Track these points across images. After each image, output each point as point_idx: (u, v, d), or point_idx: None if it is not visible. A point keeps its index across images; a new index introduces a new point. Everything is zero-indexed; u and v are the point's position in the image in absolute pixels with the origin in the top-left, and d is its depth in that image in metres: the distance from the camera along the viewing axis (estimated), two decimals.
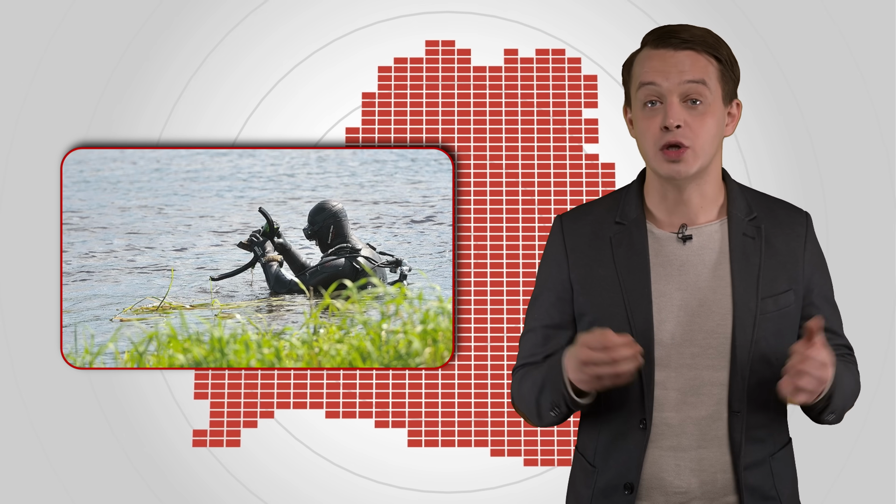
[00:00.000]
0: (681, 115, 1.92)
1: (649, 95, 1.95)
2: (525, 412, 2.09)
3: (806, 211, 2.09)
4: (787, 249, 2.02)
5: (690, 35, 1.95)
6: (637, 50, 2.02)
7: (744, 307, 1.96)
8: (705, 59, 1.94)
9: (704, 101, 1.93)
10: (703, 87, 1.93)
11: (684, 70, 1.93)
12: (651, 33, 2.00)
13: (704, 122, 1.93)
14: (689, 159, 1.93)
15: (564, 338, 2.08)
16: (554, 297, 2.09)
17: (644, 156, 1.99)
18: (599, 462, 2.05)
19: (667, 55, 1.94)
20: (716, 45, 1.96)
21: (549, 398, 1.99)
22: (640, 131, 1.98)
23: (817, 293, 2.05)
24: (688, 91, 1.93)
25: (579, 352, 1.87)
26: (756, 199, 2.07)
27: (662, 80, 1.93)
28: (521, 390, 2.08)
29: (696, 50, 1.94)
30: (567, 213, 2.14)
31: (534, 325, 2.11)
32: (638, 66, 1.98)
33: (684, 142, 1.92)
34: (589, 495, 2.06)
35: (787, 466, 2.06)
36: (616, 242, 2.03)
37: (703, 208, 2.02)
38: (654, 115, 1.94)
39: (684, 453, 1.98)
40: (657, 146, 1.94)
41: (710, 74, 1.94)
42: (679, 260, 2.00)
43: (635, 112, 1.99)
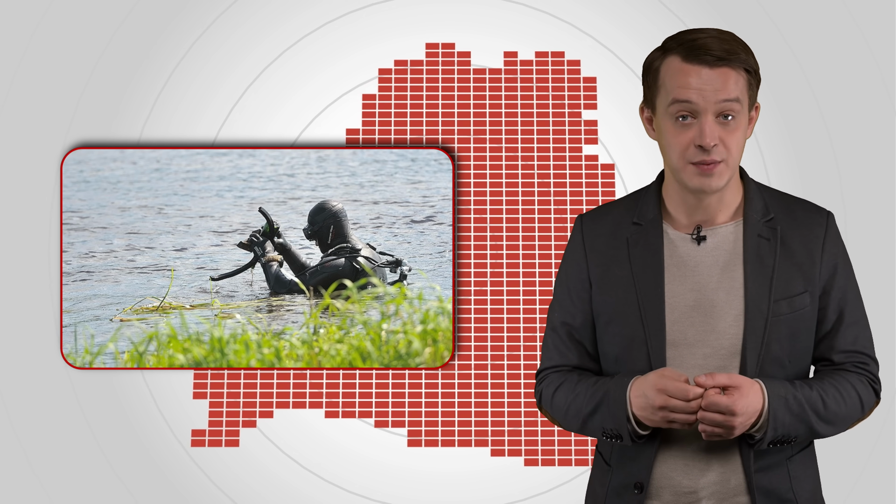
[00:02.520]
0: (716, 133, 1.92)
1: (682, 111, 1.93)
2: (560, 421, 2.10)
3: (828, 210, 2.07)
4: (804, 250, 2.01)
5: (724, 50, 1.92)
6: (660, 53, 1.99)
7: (755, 309, 1.96)
8: (738, 74, 1.93)
9: (736, 117, 1.93)
10: (737, 104, 1.92)
11: (720, 88, 1.91)
12: (680, 43, 1.96)
13: (736, 136, 1.93)
14: (722, 173, 1.94)
15: (587, 337, 2.10)
16: (574, 295, 2.10)
17: (671, 167, 1.99)
18: (615, 461, 2.06)
19: (702, 72, 1.92)
20: (746, 56, 1.94)
21: (602, 424, 2.00)
22: (668, 142, 1.96)
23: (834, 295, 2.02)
24: (723, 109, 1.92)
25: (656, 397, 1.89)
26: (774, 199, 2.06)
27: (699, 99, 1.91)
28: (555, 399, 2.09)
29: (731, 66, 1.92)
30: (588, 212, 2.15)
31: (555, 323, 2.13)
32: (669, 77, 1.95)
33: (718, 158, 1.93)
34: (604, 493, 2.08)
35: (807, 468, 2.04)
36: (633, 243, 2.04)
37: (721, 210, 2.02)
38: (687, 129, 1.93)
39: (694, 453, 1.99)
40: (688, 160, 1.94)
41: (742, 90, 1.93)
42: (693, 261, 2.01)
43: (663, 122, 1.97)
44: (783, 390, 1.92)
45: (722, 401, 1.86)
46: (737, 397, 1.87)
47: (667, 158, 1.99)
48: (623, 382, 1.97)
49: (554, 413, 2.10)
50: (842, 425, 2.00)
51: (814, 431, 1.97)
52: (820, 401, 1.96)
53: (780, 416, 1.91)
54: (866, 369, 2.04)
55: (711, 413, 1.87)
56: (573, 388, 2.05)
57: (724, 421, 1.87)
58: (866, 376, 2.04)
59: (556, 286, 2.15)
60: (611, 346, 2.06)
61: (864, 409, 2.02)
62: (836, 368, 2.03)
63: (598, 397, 2.00)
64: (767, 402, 1.90)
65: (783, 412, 1.91)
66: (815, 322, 2.02)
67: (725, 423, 1.88)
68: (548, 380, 2.12)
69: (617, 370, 2.04)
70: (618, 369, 2.04)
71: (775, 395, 1.91)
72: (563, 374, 2.10)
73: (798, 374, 2.01)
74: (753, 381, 1.90)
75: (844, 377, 2.01)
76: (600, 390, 2.01)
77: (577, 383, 2.05)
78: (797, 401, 1.93)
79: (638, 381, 1.95)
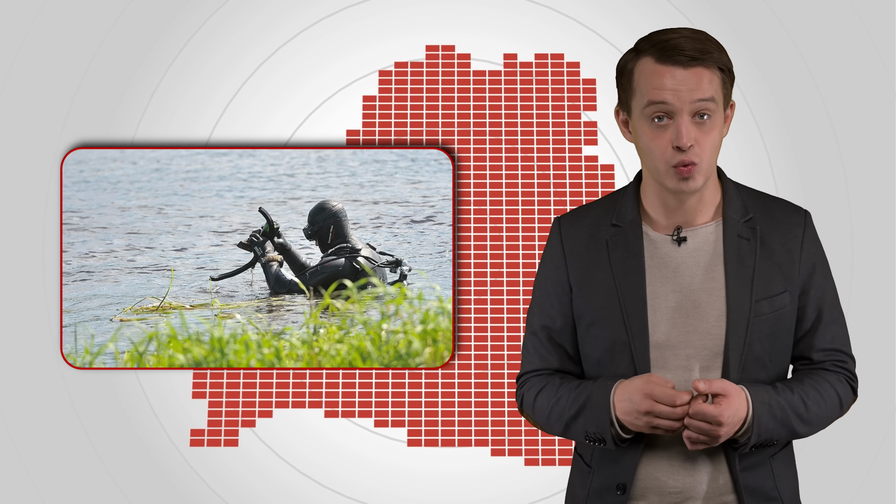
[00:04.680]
0: (692, 133, 1.92)
1: (658, 112, 1.93)
2: (542, 425, 2.10)
3: (805, 209, 2.08)
4: (783, 250, 2.02)
5: (697, 50, 1.92)
6: (633, 55, 1.99)
7: (737, 309, 1.96)
8: (712, 73, 1.93)
9: (711, 116, 1.93)
10: (712, 103, 1.92)
11: (695, 89, 1.91)
12: (652, 44, 1.96)
13: (711, 136, 1.93)
14: (697, 176, 1.94)
15: (568, 340, 2.09)
16: (554, 298, 2.09)
17: (650, 169, 1.99)
18: (596, 463, 2.06)
19: (676, 73, 1.92)
20: (719, 55, 1.94)
21: (585, 427, 2.00)
22: (646, 145, 1.96)
23: (813, 294, 2.03)
24: (698, 108, 1.92)
25: (642, 402, 1.90)
26: (753, 199, 2.06)
27: (673, 100, 1.91)
28: (536, 403, 2.08)
29: (705, 65, 1.92)
30: (565, 214, 2.15)
31: (535, 327, 2.12)
32: (643, 79, 1.95)
33: (694, 159, 1.92)
34: (585, 495, 2.07)
35: (788, 467, 2.06)
36: (612, 245, 2.04)
37: (700, 210, 2.02)
38: (664, 131, 1.93)
39: (679, 454, 1.99)
40: (669, 163, 1.94)
41: (716, 89, 1.93)
42: (674, 262, 2.01)
43: (639, 124, 1.97)
44: (767, 396, 1.93)
45: (710, 410, 1.87)
46: (724, 406, 1.88)
47: (645, 161, 1.99)
48: (606, 386, 1.97)
49: (536, 417, 2.10)
50: (821, 425, 2.02)
51: (795, 433, 1.98)
52: (802, 404, 1.97)
53: (764, 423, 1.93)
54: (844, 367, 2.06)
55: (698, 421, 1.88)
56: (555, 392, 2.05)
57: (710, 430, 1.89)
58: (844, 374, 2.06)
59: (535, 289, 2.14)
60: (593, 348, 2.05)
61: (843, 407, 2.05)
62: (814, 367, 2.04)
63: (581, 401, 2.00)
64: (752, 409, 1.91)
65: (767, 418, 1.93)
66: (794, 321, 2.02)
67: (711, 431, 1.89)
68: (529, 384, 2.12)
69: (599, 373, 2.04)
70: (600, 372, 2.04)
71: (759, 402, 1.92)
72: (545, 378, 2.09)
73: (778, 373, 2.02)
74: (740, 389, 1.91)
75: (824, 377, 2.03)
76: (583, 394, 2.00)
77: (559, 387, 2.05)
78: (780, 406, 1.94)
79: (622, 386, 1.94)
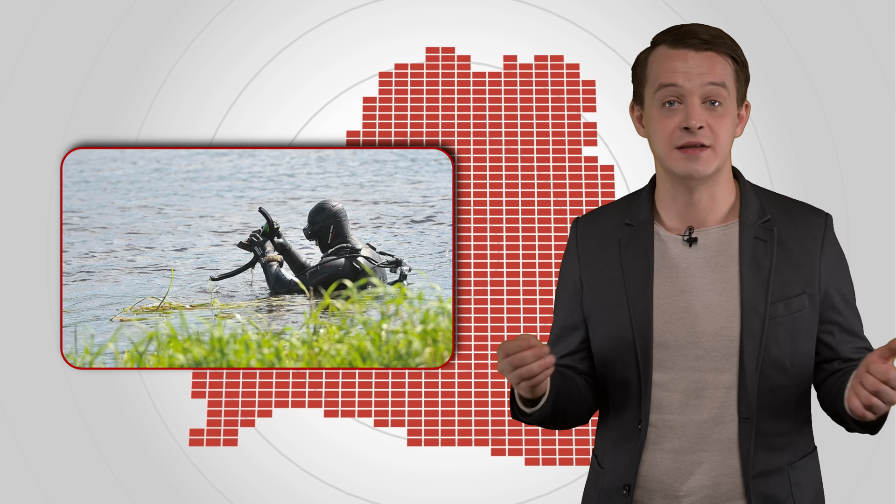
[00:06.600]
0: (702, 116, 1.91)
1: (669, 96, 1.93)
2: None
3: (826, 212, 2.05)
4: (802, 252, 1.99)
5: (710, 35, 1.93)
6: (648, 49, 2.00)
7: (752, 311, 1.95)
8: (724, 60, 1.93)
9: (723, 104, 1.93)
10: (724, 90, 1.92)
11: (706, 72, 1.92)
12: (666, 33, 1.97)
13: (723, 123, 1.93)
14: (708, 158, 1.93)
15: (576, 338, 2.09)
16: (568, 297, 2.10)
17: (658, 155, 1.99)
18: (607, 463, 2.06)
19: (688, 56, 1.92)
20: (733, 46, 1.95)
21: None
22: (654, 130, 1.97)
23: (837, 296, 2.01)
24: (709, 93, 1.92)
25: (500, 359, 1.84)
26: (771, 201, 2.05)
27: (684, 82, 1.92)
28: None
29: (717, 51, 1.93)
30: (583, 215, 2.16)
31: (554, 325, 2.14)
32: (656, 65, 1.96)
33: (705, 142, 1.92)
34: (597, 496, 2.07)
35: (810, 475, 2.02)
36: (624, 244, 2.04)
37: (713, 211, 2.01)
38: (673, 114, 1.93)
39: (685, 456, 1.97)
40: (673, 145, 1.94)
41: (728, 76, 1.94)
42: (685, 262, 2.00)
43: (650, 111, 1.97)
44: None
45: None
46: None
47: (654, 148, 1.99)
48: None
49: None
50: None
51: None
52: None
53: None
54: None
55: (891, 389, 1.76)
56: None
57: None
58: None
59: (556, 289, 2.16)
60: (600, 346, 2.05)
61: None
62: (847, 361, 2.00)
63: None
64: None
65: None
66: (815, 324, 2.00)
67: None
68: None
69: (605, 371, 2.04)
70: (606, 370, 2.04)
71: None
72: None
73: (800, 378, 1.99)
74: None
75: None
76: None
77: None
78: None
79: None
